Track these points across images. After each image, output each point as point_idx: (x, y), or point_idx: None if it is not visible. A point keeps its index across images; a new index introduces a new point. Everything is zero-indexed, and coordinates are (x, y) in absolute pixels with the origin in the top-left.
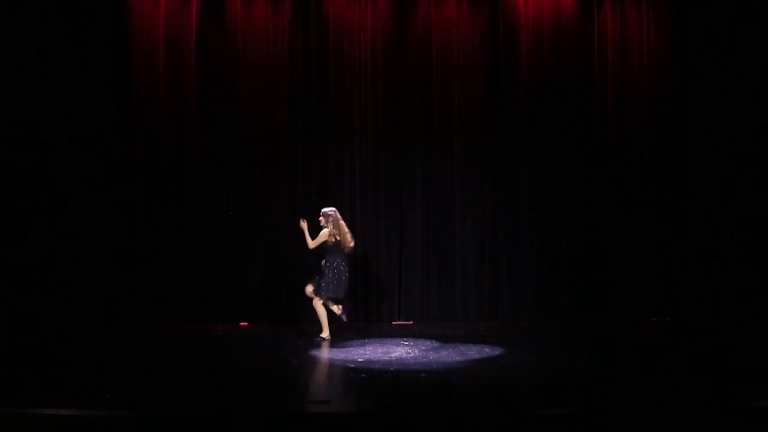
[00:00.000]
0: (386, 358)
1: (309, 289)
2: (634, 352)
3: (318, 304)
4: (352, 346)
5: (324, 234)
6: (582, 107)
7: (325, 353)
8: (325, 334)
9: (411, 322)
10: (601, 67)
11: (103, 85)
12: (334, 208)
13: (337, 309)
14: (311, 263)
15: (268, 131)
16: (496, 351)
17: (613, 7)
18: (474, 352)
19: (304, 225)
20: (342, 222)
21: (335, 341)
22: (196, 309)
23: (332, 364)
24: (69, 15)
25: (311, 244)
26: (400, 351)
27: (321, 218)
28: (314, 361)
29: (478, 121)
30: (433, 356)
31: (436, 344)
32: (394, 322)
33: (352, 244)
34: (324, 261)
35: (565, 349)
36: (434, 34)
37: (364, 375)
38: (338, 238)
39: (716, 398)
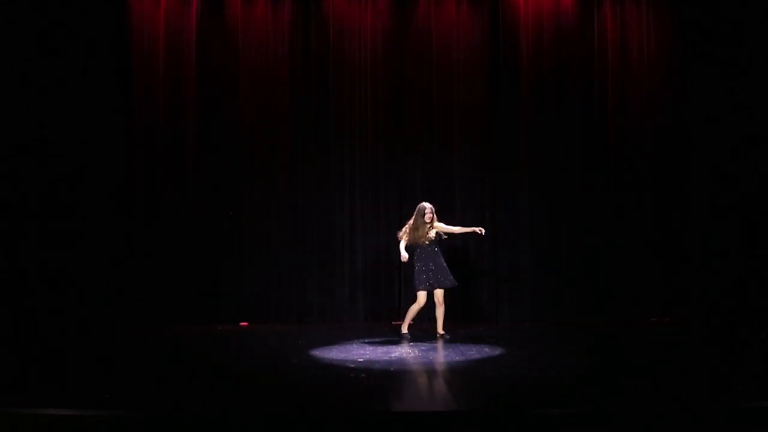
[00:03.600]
0: (386, 358)
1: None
2: (634, 352)
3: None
4: (352, 346)
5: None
6: (582, 107)
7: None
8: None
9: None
10: (601, 67)
11: (103, 85)
12: (423, 204)
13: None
14: (311, 263)
15: (268, 131)
16: (496, 351)
17: (613, 7)
18: (474, 352)
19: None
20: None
21: (336, 341)
22: (196, 309)
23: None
24: (69, 15)
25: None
26: (400, 351)
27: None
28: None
29: (478, 120)
30: (433, 356)
31: (436, 344)
32: (394, 322)
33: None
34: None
35: (565, 349)
36: (434, 34)
37: (364, 375)
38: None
39: (716, 398)
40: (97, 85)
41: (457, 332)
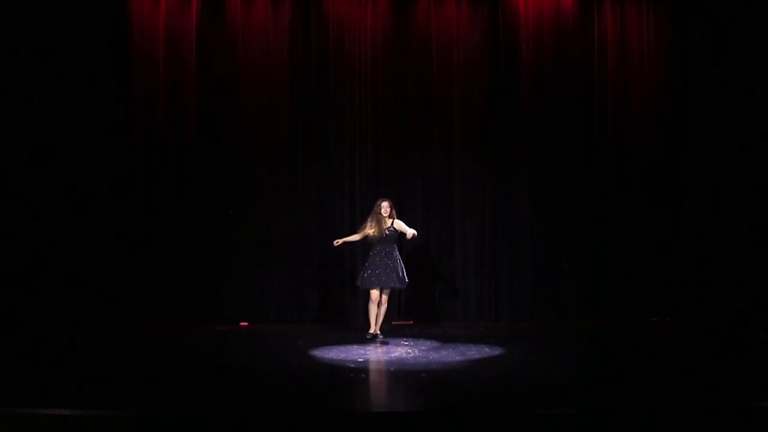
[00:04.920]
0: (386, 358)
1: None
2: (634, 352)
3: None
4: (352, 346)
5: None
6: (582, 107)
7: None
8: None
9: (411, 322)
10: (601, 67)
11: (103, 85)
12: (380, 200)
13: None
14: (311, 263)
15: (267, 131)
16: (496, 351)
17: (613, 6)
18: (474, 352)
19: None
20: (378, 214)
21: (336, 341)
22: (196, 309)
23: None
24: (69, 15)
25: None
26: (400, 351)
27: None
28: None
29: (478, 120)
30: (433, 356)
31: (436, 344)
32: (394, 322)
33: (370, 232)
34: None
35: (565, 349)
36: (434, 34)
37: (364, 375)
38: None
39: (716, 398)
40: (97, 85)
41: (457, 332)
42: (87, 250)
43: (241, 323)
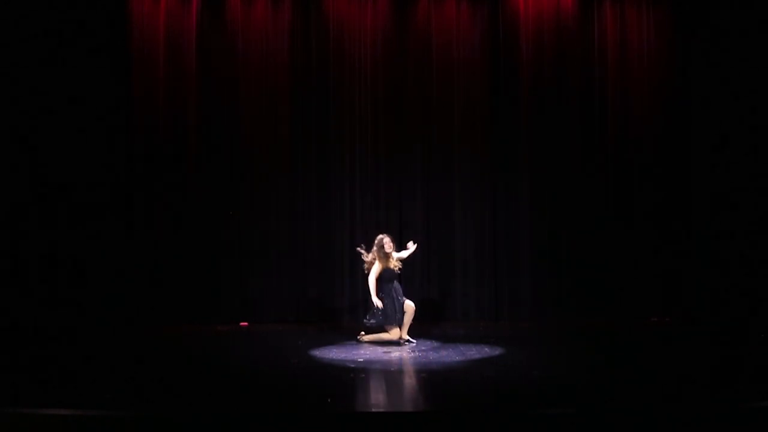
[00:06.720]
0: (386, 358)
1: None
2: (635, 352)
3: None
4: (352, 346)
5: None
6: (582, 107)
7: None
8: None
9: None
10: (601, 67)
11: (103, 85)
12: (381, 236)
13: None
14: (311, 263)
15: (267, 131)
16: (496, 351)
17: (613, 7)
18: (474, 352)
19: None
20: (382, 250)
21: (336, 341)
22: (196, 309)
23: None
24: (69, 16)
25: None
26: (400, 351)
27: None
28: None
29: (478, 120)
30: (433, 356)
31: (436, 344)
32: None
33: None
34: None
35: (565, 349)
36: (434, 34)
37: (363, 375)
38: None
39: (716, 398)
40: (97, 86)
41: (457, 332)
42: (87, 250)
43: (241, 323)
